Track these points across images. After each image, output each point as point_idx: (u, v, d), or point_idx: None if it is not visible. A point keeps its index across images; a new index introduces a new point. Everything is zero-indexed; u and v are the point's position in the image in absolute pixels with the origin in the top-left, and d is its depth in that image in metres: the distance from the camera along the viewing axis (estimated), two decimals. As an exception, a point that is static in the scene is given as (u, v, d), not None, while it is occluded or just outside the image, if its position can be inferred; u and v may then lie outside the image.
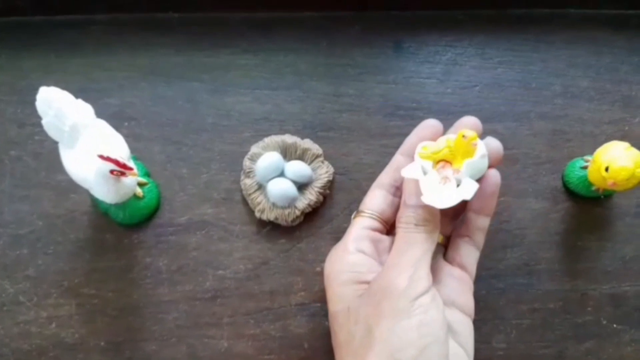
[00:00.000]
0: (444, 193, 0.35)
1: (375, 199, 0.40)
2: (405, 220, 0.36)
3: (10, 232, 0.45)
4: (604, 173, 0.40)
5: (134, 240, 0.45)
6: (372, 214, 0.39)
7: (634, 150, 0.41)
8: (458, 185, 0.36)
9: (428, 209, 0.36)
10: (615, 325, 0.45)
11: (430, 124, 0.39)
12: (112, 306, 0.44)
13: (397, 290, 0.34)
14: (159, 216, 0.46)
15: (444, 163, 0.37)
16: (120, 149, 0.40)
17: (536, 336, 0.44)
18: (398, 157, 0.41)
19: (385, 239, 0.39)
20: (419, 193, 0.35)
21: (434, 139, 0.38)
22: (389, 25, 0.51)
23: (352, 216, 0.41)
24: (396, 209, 0.39)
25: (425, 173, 0.37)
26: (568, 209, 0.47)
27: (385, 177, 0.41)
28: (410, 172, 0.36)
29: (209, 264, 0.45)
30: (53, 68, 0.49)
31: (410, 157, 0.39)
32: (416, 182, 0.36)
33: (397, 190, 0.40)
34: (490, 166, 0.37)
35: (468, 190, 0.35)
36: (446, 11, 0.51)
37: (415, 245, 0.35)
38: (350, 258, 0.38)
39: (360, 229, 0.39)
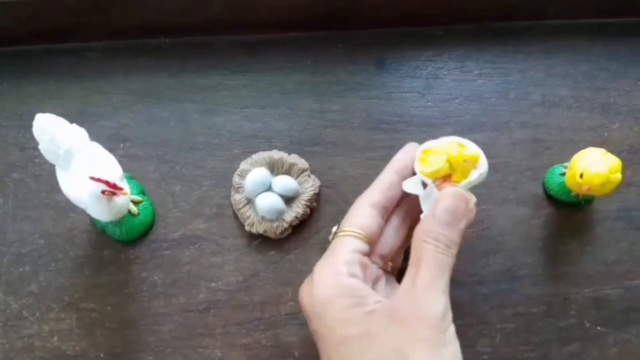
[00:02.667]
0: None
1: (366, 219, 0.37)
2: (436, 238, 0.34)
3: (14, 251, 0.48)
4: (579, 179, 0.41)
5: (130, 256, 0.48)
6: (362, 235, 0.37)
7: (610, 156, 0.42)
8: None
9: (460, 232, 0.35)
10: (598, 328, 0.46)
11: (414, 147, 0.40)
12: (111, 319, 0.46)
13: (435, 318, 0.32)
14: (153, 232, 0.48)
15: (443, 179, 0.37)
16: (113, 170, 0.42)
17: (520, 340, 0.45)
18: (392, 176, 0.39)
19: (372, 266, 0.38)
20: (460, 213, 0.35)
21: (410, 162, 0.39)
22: (370, 43, 0.53)
23: (334, 230, 0.40)
24: (390, 233, 0.39)
25: (425, 186, 0.38)
26: (549, 215, 0.48)
27: (377, 196, 0.38)
28: (411, 186, 0.38)
29: (201, 276, 0.47)
30: (52, 94, 0.52)
31: (403, 177, 0.39)
32: (458, 199, 0.35)
33: (386, 211, 0.39)
34: None
35: None
36: (425, 27, 0.53)
37: (447, 269, 0.34)
38: (347, 281, 0.35)
39: (350, 252, 0.36)
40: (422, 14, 0.52)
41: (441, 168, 0.37)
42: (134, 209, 0.47)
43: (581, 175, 0.41)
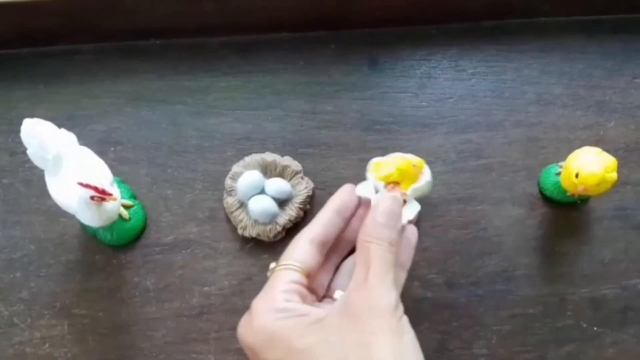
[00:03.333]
0: None
1: (305, 253, 0.38)
2: (379, 237, 0.36)
3: (4, 257, 0.47)
4: (574, 179, 0.41)
5: (122, 261, 0.47)
6: (300, 268, 0.38)
7: (605, 155, 0.41)
8: (404, 202, 0.40)
9: (397, 231, 0.37)
10: (595, 328, 0.46)
11: (350, 190, 0.42)
12: (103, 325, 0.46)
13: (390, 308, 0.34)
14: (145, 236, 0.48)
15: (394, 184, 0.41)
16: (103, 175, 0.42)
17: (517, 341, 0.45)
18: (331, 214, 0.40)
19: (310, 297, 0.39)
20: (397, 215, 0.38)
21: (350, 201, 0.41)
22: (363, 43, 0.52)
23: (272, 266, 0.39)
24: (323, 270, 0.41)
25: (376, 191, 0.41)
26: (545, 215, 0.48)
27: (315, 233, 0.40)
28: (364, 190, 0.41)
29: (194, 281, 0.47)
30: (41, 98, 0.51)
31: (341, 215, 0.41)
32: (393, 202, 0.38)
33: (324, 247, 0.40)
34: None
35: (412, 212, 0.40)
36: (419, 26, 0.52)
37: (392, 265, 0.36)
38: (286, 305, 0.35)
39: (288, 283, 0.37)
40: (415, 13, 0.52)
41: (392, 173, 0.41)
42: (125, 213, 0.46)
43: (576, 175, 0.41)
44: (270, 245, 0.47)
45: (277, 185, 0.47)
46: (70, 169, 0.41)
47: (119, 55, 0.52)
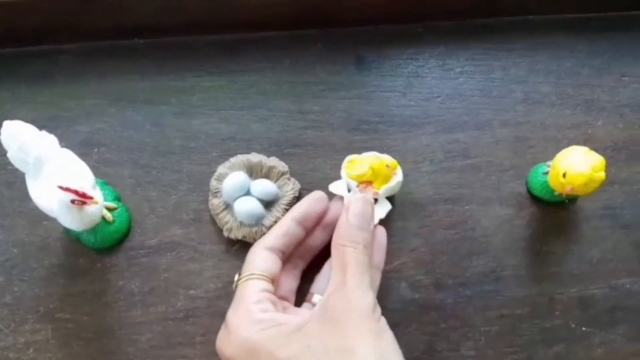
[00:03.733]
0: None
1: (264, 262, 0.39)
2: (354, 240, 0.37)
3: (-14, 261, 0.47)
4: (562, 179, 0.41)
5: (107, 264, 0.46)
6: (265, 276, 0.38)
7: (593, 154, 0.41)
8: (375, 201, 0.42)
9: (370, 233, 0.38)
10: (584, 328, 0.45)
11: (320, 197, 0.43)
12: (87, 330, 0.45)
13: (367, 311, 0.35)
14: (130, 239, 0.47)
15: (366, 184, 0.42)
16: (85, 178, 0.41)
17: (505, 342, 0.45)
18: (290, 223, 0.41)
19: (280, 302, 0.39)
20: (369, 216, 0.38)
21: (320, 209, 0.42)
22: (350, 42, 0.52)
23: (237, 279, 0.40)
24: (285, 275, 0.41)
25: (349, 189, 0.43)
26: (533, 215, 0.47)
27: (275, 241, 0.40)
28: (337, 188, 0.43)
29: (180, 284, 0.46)
30: (23, 99, 0.51)
31: (301, 224, 0.41)
32: (365, 204, 0.39)
33: (283, 255, 0.41)
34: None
35: (383, 211, 0.42)
36: (406, 25, 0.52)
37: (367, 268, 0.37)
38: (262, 316, 0.36)
39: (258, 292, 0.37)
40: (402, 11, 0.51)
41: (365, 172, 0.41)
42: (108, 216, 0.45)
43: (564, 175, 0.40)
44: (256, 247, 0.47)
45: (263, 187, 0.46)
46: (51, 172, 0.40)
47: (102, 55, 0.52)
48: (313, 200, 0.42)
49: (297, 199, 0.47)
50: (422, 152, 0.49)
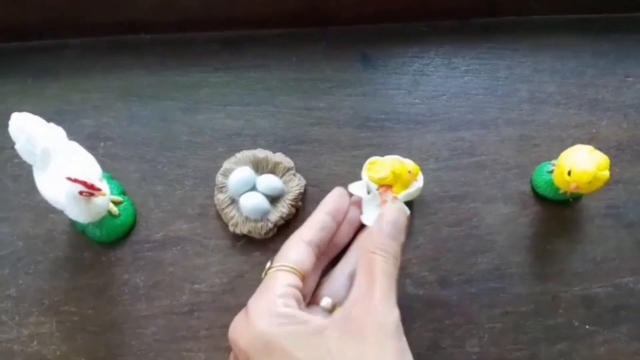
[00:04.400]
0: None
1: (301, 255, 0.38)
2: (385, 249, 0.36)
3: (-8, 254, 0.47)
4: (567, 177, 0.41)
5: (112, 258, 0.47)
6: (297, 271, 0.37)
7: (597, 153, 0.41)
8: None
9: (401, 244, 0.37)
10: (587, 327, 0.45)
11: (342, 192, 0.43)
12: (92, 323, 0.45)
13: (392, 329, 0.33)
14: (135, 233, 0.47)
15: (386, 187, 0.42)
16: (92, 170, 0.41)
17: (509, 339, 0.45)
18: (325, 217, 0.40)
19: (303, 303, 0.38)
20: (403, 227, 0.38)
21: (346, 205, 0.42)
22: (355, 39, 0.52)
23: (268, 265, 0.39)
24: (312, 274, 0.40)
25: (369, 191, 0.43)
26: (537, 213, 0.48)
27: (311, 235, 0.39)
28: (356, 189, 0.43)
29: (185, 278, 0.46)
30: (29, 92, 0.51)
31: (335, 219, 0.41)
32: (399, 214, 0.39)
33: (319, 251, 0.40)
34: None
35: None
36: (411, 23, 0.52)
37: (394, 280, 0.36)
38: (284, 311, 0.35)
39: (284, 286, 0.36)
40: (407, 9, 0.51)
41: (387, 176, 0.41)
42: (114, 209, 0.45)
43: (569, 173, 0.41)
44: (261, 243, 0.47)
45: (269, 182, 0.46)
46: (59, 163, 0.40)
47: (108, 50, 0.52)
48: (338, 196, 0.42)
49: (303, 194, 0.47)
50: (428, 149, 0.49)
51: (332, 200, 0.41)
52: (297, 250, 0.38)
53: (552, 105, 0.50)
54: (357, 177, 0.44)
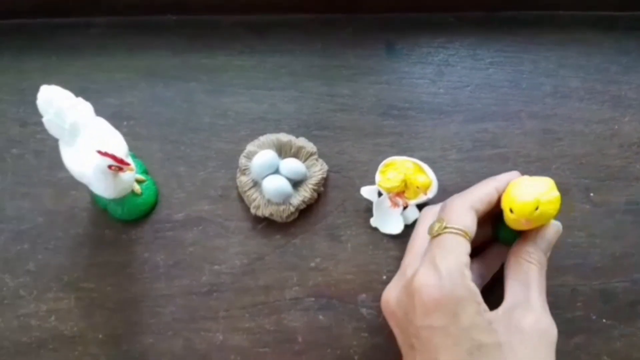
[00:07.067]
0: (391, 220, 0.46)
1: (474, 226, 0.37)
2: (539, 261, 0.38)
3: (12, 228, 0.47)
4: (511, 215, 0.37)
5: (132, 236, 0.47)
6: (470, 239, 0.36)
7: (537, 179, 0.38)
8: (405, 208, 0.46)
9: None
10: (604, 321, 0.45)
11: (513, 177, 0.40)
12: (111, 300, 0.45)
13: (555, 338, 0.36)
14: (156, 212, 0.47)
15: (398, 192, 0.45)
16: (119, 146, 0.41)
17: (526, 331, 0.45)
18: (493, 193, 0.38)
19: None
20: (551, 246, 0.39)
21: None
22: (380, 27, 0.52)
23: (440, 226, 0.37)
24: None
25: (380, 194, 0.46)
26: (558, 206, 0.48)
27: (481, 208, 0.38)
28: (368, 193, 0.46)
29: (205, 259, 0.46)
30: (53, 69, 0.51)
31: (498, 198, 0.39)
32: (556, 234, 0.40)
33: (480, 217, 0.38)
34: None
35: (410, 218, 0.46)
36: (437, 14, 0.52)
37: (545, 292, 0.38)
38: (473, 286, 0.35)
39: (467, 255, 0.36)
40: (432, 0, 0.51)
41: (397, 186, 0.45)
42: (137, 187, 0.45)
43: (511, 211, 0.37)
44: (282, 226, 0.47)
45: (292, 166, 0.46)
46: (87, 138, 0.40)
47: (133, 30, 0.52)
48: (509, 179, 0.39)
49: (325, 180, 0.47)
50: (451, 140, 0.49)
51: (505, 180, 0.39)
52: (472, 219, 0.37)
53: (575, 100, 0.50)
54: (379, 165, 0.46)
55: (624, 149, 0.49)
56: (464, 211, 0.37)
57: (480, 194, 0.38)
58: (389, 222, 0.46)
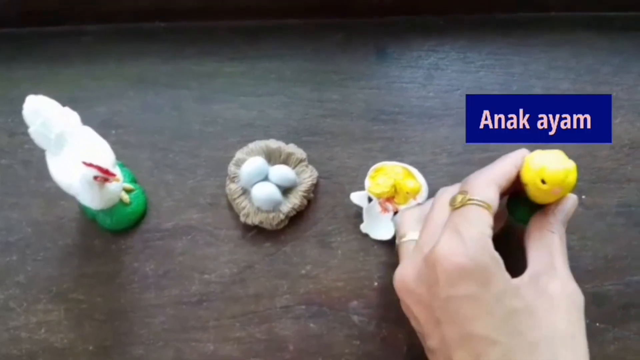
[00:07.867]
0: (381, 225, 0.46)
1: (497, 200, 0.36)
2: (560, 231, 0.38)
3: (0, 239, 0.46)
4: (541, 186, 0.36)
5: (122, 246, 0.46)
6: (493, 213, 0.36)
7: (549, 151, 0.38)
8: (395, 214, 0.45)
9: None
10: (598, 324, 0.45)
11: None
12: (100, 311, 0.45)
13: (583, 303, 0.36)
14: (146, 222, 0.47)
15: (388, 198, 0.46)
16: (106, 156, 0.41)
17: (519, 336, 0.45)
18: (513, 170, 0.38)
19: None
20: (569, 217, 0.39)
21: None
22: (371, 32, 0.52)
23: (464, 198, 0.36)
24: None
25: (370, 200, 0.46)
26: (550, 210, 0.47)
27: (503, 183, 0.37)
28: (358, 198, 0.46)
29: (195, 268, 0.46)
30: (43, 78, 0.50)
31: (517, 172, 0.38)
32: (573, 206, 0.39)
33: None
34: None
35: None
36: (427, 17, 0.52)
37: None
38: (496, 255, 0.34)
39: (489, 227, 0.35)
40: (423, 3, 0.51)
41: (386, 191, 0.45)
42: (125, 197, 0.45)
43: (543, 182, 0.36)
44: (272, 234, 0.46)
45: (282, 173, 0.46)
46: (73, 148, 0.40)
47: (122, 38, 0.52)
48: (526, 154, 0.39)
49: (315, 186, 0.47)
50: (441, 144, 0.49)
51: (520, 157, 0.38)
52: (495, 193, 0.36)
53: (566, 102, 0.50)
54: (369, 170, 0.46)
55: (615, 151, 0.48)
56: (487, 185, 0.36)
57: (502, 170, 0.38)
58: (379, 227, 0.46)
